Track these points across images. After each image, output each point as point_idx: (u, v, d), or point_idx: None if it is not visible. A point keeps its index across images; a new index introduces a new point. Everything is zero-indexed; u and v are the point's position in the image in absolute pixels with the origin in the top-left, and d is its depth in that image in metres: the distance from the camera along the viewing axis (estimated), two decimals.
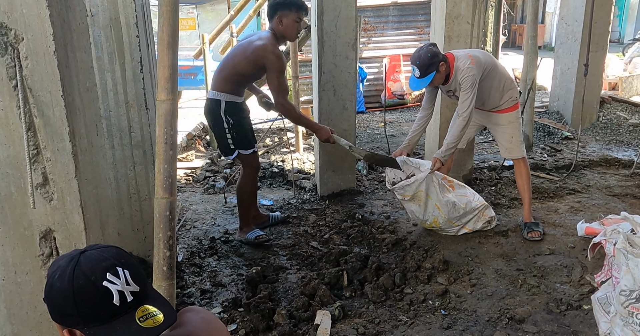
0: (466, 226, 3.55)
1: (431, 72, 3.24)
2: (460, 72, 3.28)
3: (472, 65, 3.27)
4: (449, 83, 3.40)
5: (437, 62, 3.24)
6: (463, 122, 3.30)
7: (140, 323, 1.02)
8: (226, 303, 2.88)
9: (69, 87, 1.81)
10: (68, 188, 1.87)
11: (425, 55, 3.22)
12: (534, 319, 2.63)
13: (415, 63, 3.25)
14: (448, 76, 3.36)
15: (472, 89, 3.26)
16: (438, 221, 3.51)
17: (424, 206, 3.49)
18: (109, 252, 1.07)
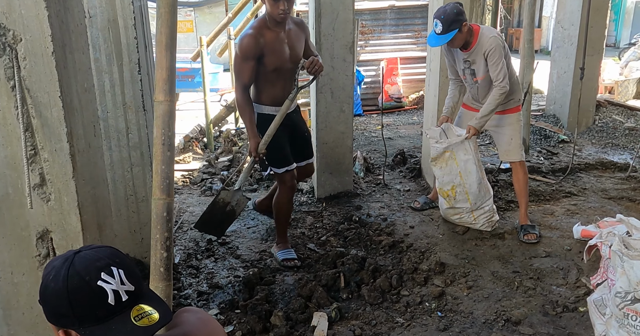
0: (474, 213, 3.57)
1: (454, 30, 3.16)
2: (487, 39, 3.23)
3: (498, 35, 3.28)
4: (469, 51, 3.33)
5: (462, 20, 3.18)
6: (500, 91, 3.26)
7: (136, 322, 1.02)
8: (223, 304, 2.88)
9: (67, 88, 1.81)
10: (65, 188, 1.87)
11: (451, 10, 3.16)
12: (530, 321, 2.64)
13: (440, 17, 3.17)
14: (469, 43, 3.30)
15: (501, 58, 3.24)
16: (455, 190, 3.53)
17: (448, 170, 3.53)
18: (104, 252, 1.06)
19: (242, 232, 3.92)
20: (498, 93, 3.28)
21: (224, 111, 6.55)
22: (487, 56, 3.26)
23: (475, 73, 3.42)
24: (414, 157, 5.21)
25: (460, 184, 3.54)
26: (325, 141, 4.25)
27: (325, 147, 4.26)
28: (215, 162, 5.44)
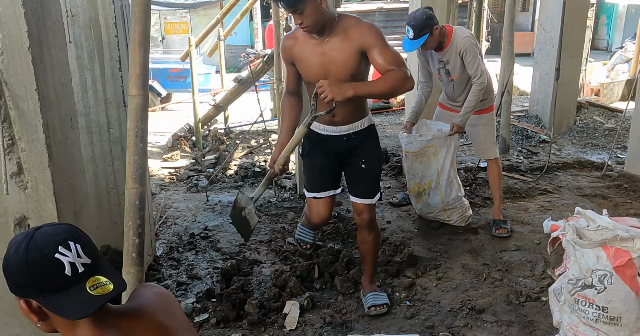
0: (447, 211, 3.67)
1: (425, 34, 3.27)
2: (461, 39, 3.33)
3: (471, 35, 3.39)
4: (443, 51, 3.44)
5: (432, 25, 3.28)
6: (479, 87, 3.36)
7: (91, 291, 1.11)
8: (200, 294, 2.98)
9: (43, 81, 1.92)
10: (42, 177, 1.98)
11: (421, 16, 3.27)
12: (493, 309, 2.75)
13: (410, 24, 3.29)
14: (442, 44, 3.41)
15: (477, 56, 3.34)
16: (431, 186, 3.63)
17: (427, 164, 3.61)
18: (62, 228, 1.16)
19: (225, 226, 4.02)
20: (477, 89, 3.39)
21: (213, 110, 6.66)
22: (463, 55, 3.37)
23: (450, 72, 3.53)
24: (397, 156, 5.32)
25: (436, 181, 3.65)
26: None
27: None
28: (202, 160, 5.54)
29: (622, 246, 2.11)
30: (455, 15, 4.14)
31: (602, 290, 2.13)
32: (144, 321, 1.25)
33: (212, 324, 2.68)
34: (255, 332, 2.62)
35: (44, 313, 1.14)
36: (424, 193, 3.71)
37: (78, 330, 1.15)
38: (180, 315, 1.36)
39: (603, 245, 2.16)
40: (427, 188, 3.69)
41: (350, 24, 2.41)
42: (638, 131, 4.59)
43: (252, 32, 17.75)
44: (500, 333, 2.54)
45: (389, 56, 2.35)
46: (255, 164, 5.43)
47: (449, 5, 4.08)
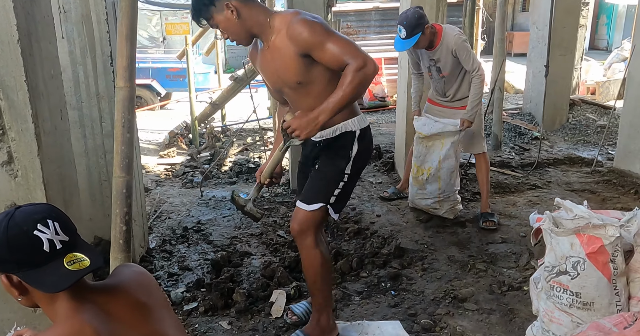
0: (440, 201, 3.73)
1: (417, 33, 3.34)
2: (452, 38, 3.40)
3: (460, 32, 3.46)
4: (434, 49, 3.50)
5: (424, 23, 3.35)
6: (479, 79, 3.43)
7: (68, 266, 1.18)
8: (190, 284, 3.05)
9: (32, 73, 1.99)
10: (31, 165, 2.05)
11: (412, 16, 3.33)
12: (475, 298, 2.81)
13: (402, 23, 3.35)
14: (433, 42, 3.47)
15: (470, 51, 3.42)
16: (431, 172, 3.69)
17: (432, 150, 3.69)
18: (41, 207, 1.23)
19: (217, 220, 4.09)
20: (478, 81, 3.46)
21: (210, 108, 6.74)
22: (456, 53, 3.44)
23: (442, 69, 3.60)
24: (389, 153, 5.38)
25: (437, 168, 3.70)
26: None
27: None
28: (197, 156, 5.61)
29: (595, 233, 2.17)
30: (444, 13, 4.20)
31: (575, 276, 2.19)
32: (120, 297, 1.31)
33: (200, 312, 2.75)
34: (242, 320, 2.68)
35: (24, 288, 1.21)
36: (422, 177, 3.76)
37: (57, 304, 1.22)
38: (157, 293, 1.43)
39: (577, 233, 2.22)
40: (426, 172, 3.73)
41: (282, 27, 2.06)
42: (627, 128, 4.64)
43: None
44: (480, 320, 2.60)
45: (335, 50, 1.98)
46: (249, 160, 5.50)
47: (438, 3, 4.14)
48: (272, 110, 6.38)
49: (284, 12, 2.17)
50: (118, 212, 2.15)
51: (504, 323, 2.57)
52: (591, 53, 17.00)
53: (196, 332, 2.59)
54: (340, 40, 2.01)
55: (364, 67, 1.95)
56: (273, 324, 2.64)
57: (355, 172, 2.32)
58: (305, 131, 2.01)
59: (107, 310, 1.26)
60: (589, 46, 19.74)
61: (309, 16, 2.07)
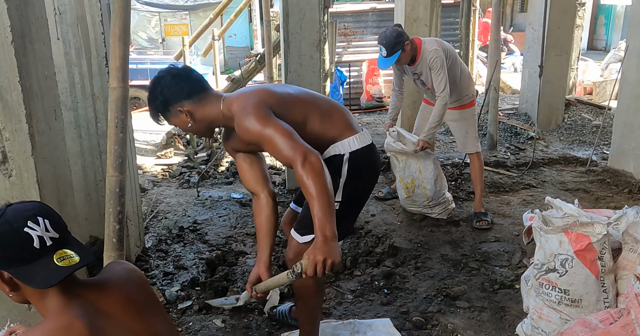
0: (431, 206, 3.76)
1: (397, 51, 3.39)
2: (428, 53, 3.44)
3: (438, 48, 3.48)
4: (415, 65, 3.55)
5: (403, 41, 3.40)
6: (442, 103, 3.46)
7: (58, 263, 1.20)
8: (185, 282, 3.08)
9: (26, 74, 2.01)
10: (25, 165, 2.07)
11: (391, 35, 3.39)
12: (467, 296, 2.83)
13: (382, 43, 3.41)
14: (414, 57, 3.52)
15: (443, 68, 3.43)
16: (415, 184, 3.72)
17: (407, 163, 3.73)
18: (32, 205, 1.26)
19: (214, 220, 4.12)
20: (440, 105, 3.48)
21: None
22: (430, 68, 3.48)
23: (425, 82, 3.66)
24: (385, 153, 5.40)
25: (419, 179, 3.73)
26: None
27: None
28: (194, 157, 5.64)
29: (583, 231, 2.19)
30: (439, 14, 4.23)
31: (563, 273, 2.22)
32: (110, 293, 1.33)
33: (194, 310, 2.77)
34: (235, 318, 2.71)
35: (15, 284, 1.23)
36: (408, 189, 3.80)
37: (47, 300, 1.24)
38: (147, 289, 1.45)
39: (565, 231, 2.24)
40: (410, 186, 3.78)
41: (232, 117, 2.00)
42: (620, 128, 4.67)
43: (252, 33, 17.88)
44: (472, 318, 2.63)
45: (274, 149, 1.88)
46: None
47: (432, 3, 4.17)
48: None
49: (233, 100, 2.04)
50: (111, 211, 2.17)
51: (495, 321, 2.60)
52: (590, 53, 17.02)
53: (190, 330, 2.62)
54: (277, 137, 1.86)
55: (305, 161, 1.79)
56: (266, 322, 2.66)
57: (349, 198, 2.10)
58: (334, 256, 1.68)
59: (97, 305, 1.28)
60: (588, 46, 19.78)
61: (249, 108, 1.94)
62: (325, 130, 2.09)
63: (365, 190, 2.25)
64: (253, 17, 17.36)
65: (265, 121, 1.89)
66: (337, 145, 2.11)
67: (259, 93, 2.04)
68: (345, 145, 2.11)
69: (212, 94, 2.07)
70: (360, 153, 2.12)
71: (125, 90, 2.18)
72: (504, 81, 8.96)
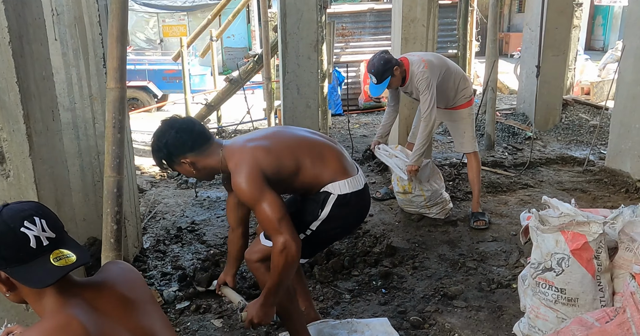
0: (429, 207, 3.77)
1: (387, 78, 3.46)
2: (415, 76, 3.49)
3: (425, 69, 3.48)
4: (405, 85, 3.61)
5: (391, 67, 3.45)
6: (424, 124, 3.48)
7: (54, 262, 1.21)
8: (183, 283, 3.08)
9: (23, 74, 2.02)
10: (23, 165, 2.08)
11: (378, 62, 3.45)
12: (465, 296, 2.84)
13: (371, 71, 3.49)
14: (404, 78, 3.56)
15: (429, 90, 3.45)
16: (412, 185, 3.73)
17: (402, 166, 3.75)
18: (29, 205, 1.26)
19: (212, 220, 4.12)
20: (423, 126, 3.50)
21: (205, 109, 6.77)
22: (417, 89, 3.51)
23: (417, 99, 3.69)
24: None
25: (415, 181, 3.73)
26: None
27: None
28: None
29: (579, 230, 2.20)
30: (436, 15, 4.24)
31: (560, 272, 2.23)
32: (106, 292, 1.34)
33: (192, 310, 2.78)
34: (233, 318, 2.71)
35: (11, 284, 1.23)
36: (405, 191, 3.81)
37: (45, 299, 1.24)
38: (142, 288, 1.45)
39: (562, 230, 2.25)
40: (407, 187, 3.78)
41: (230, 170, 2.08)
42: (617, 127, 4.68)
43: (250, 34, 17.90)
44: (469, 317, 2.63)
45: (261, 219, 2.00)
46: None
47: (429, 4, 4.18)
48: (268, 111, 6.42)
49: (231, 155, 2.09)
50: (109, 211, 2.17)
51: (492, 320, 2.61)
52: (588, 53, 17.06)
53: (188, 330, 2.62)
54: (268, 212, 1.95)
55: (284, 250, 1.92)
56: None
57: (322, 232, 2.18)
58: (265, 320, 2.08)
59: (94, 304, 1.28)
60: (586, 47, 19.82)
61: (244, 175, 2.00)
62: (317, 175, 2.14)
63: (343, 231, 2.40)
64: (251, 18, 17.38)
65: (259, 193, 1.97)
66: (328, 186, 2.15)
67: (254, 155, 2.05)
68: (335, 187, 2.15)
69: (213, 144, 2.13)
70: (350, 198, 2.16)
71: (122, 91, 2.18)
72: (501, 81, 8.98)
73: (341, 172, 2.18)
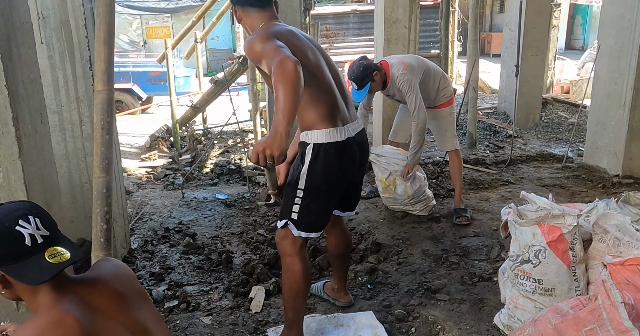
0: (412, 204, 3.84)
1: (367, 83, 3.53)
2: (396, 79, 3.56)
3: (405, 71, 3.56)
4: (386, 88, 3.68)
5: (370, 73, 3.52)
6: (415, 123, 3.56)
7: (49, 259, 1.25)
8: (172, 282, 3.12)
9: (12, 77, 2.05)
10: (13, 167, 2.11)
11: (357, 69, 3.52)
12: (447, 289, 2.92)
13: (351, 78, 3.55)
14: (385, 81, 3.63)
15: (413, 90, 3.52)
16: (396, 182, 3.81)
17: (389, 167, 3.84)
18: (22, 204, 1.30)
19: (199, 221, 4.16)
20: (415, 126, 3.57)
21: (190, 111, 6.79)
22: (400, 91, 3.59)
23: (400, 100, 3.80)
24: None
25: (399, 179, 3.81)
26: None
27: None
28: (178, 159, 5.67)
29: (555, 223, 2.30)
30: (417, 16, 4.33)
31: (537, 264, 2.32)
32: (100, 288, 1.38)
33: (181, 309, 2.82)
34: (222, 315, 2.76)
35: (7, 281, 1.27)
36: (389, 188, 3.88)
37: (39, 296, 1.29)
38: (135, 284, 1.50)
39: (538, 223, 2.34)
40: (392, 184, 3.86)
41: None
42: (594, 125, 4.81)
43: (234, 36, 17.89)
44: (451, 309, 2.72)
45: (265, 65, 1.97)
46: (230, 162, 5.58)
47: (411, 5, 4.27)
48: (253, 112, 6.47)
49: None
50: (99, 211, 2.21)
51: (473, 312, 2.69)
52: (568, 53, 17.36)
53: (177, 328, 2.66)
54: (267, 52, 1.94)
55: (279, 67, 1.81)
56: (253, 318, 2.72)
57: (310, 188, 2.16)
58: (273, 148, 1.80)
59: (87, 300, 1.32)
60: (565, 46, 20.16)
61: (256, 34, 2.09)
62: (306, 112, 2.12)
63: (331, 189, 2.24)
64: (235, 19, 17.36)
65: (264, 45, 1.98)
66: (308, 133, 2.15)
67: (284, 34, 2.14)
68: (313, 135, 2.14)
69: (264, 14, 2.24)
70: (325, 149, 2.13)
71: (110, 93, 2.22)
72: (482, 81, 9.13)
73: (326, 119, 2.13)
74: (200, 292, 3.00)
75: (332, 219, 2.45)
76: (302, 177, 2.16)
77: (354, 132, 2.24)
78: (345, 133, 2.19)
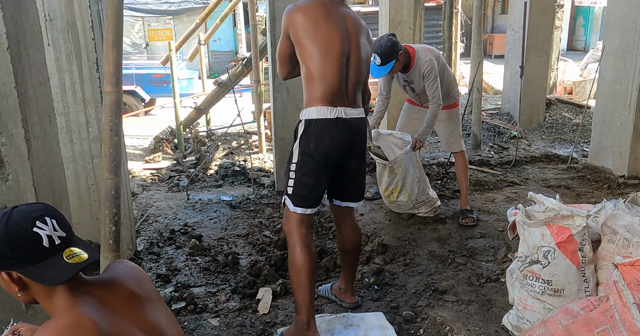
0: (415, 206, 3.83)
1: (391, 61, 3.44)
2: (422, 63, 3.51)
3: (432, 57, 3.56)
4: (408, 72, 3.62)
5: (397, 51, 3.44)
6: (435, 107, 3.54)
7: (67, 260, 1.26)
8: (179, 284, 3.12)
9: (21, 79, 2.05)
10: (22, 169, 2.11)
11: (386, 44, 3.41)
12: (455, 290, 2.92)
13: (377, 52, 3.42)
14: (407, 65, 3.58)
15: (436, 79, 3.52)
16: (399, 190, 3.78)
17: (393, 175, 3.77)
18: (38, 206, 1.30)
19: (204, 222, 4.16)
20: (434, 109, 3.56)
21: (194, 113, 6.80)
22: (424, 77, 3.56)
23: (415, 89, 3.75)
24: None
25: (402, 184, 3.79)
26: (283, 136, 4.51)
27: (283, 142, 4.53)
28: (183, 161, 5.67)
29: (564, 224, 2.29)
30: (422, 17, 4.33)
31: (546, 264, 2.31)
32: (115, 289, 1.39)
33: (189, 311, 2.82)
34: (230, 317, 2.76)
35: (23, 284, 1.27)
36: (392, 195, 3.86)
37: (55, 298, 1.28)
38: (148, 285, 1.50)
39: (547, 224, 2.34)
40: (394, 191, 3.84)
41: None
42: (599, 125, 4.81)
43: (236, 37, 17.92)
44: (459, 311, 2.71)
45: None
46: (235, 163, 5.58)
47: (415, 7, 4.27)
48: (257, 114, 6.47)
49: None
50: (107, 213, 2.22)
51: (481, 313, 2.68)
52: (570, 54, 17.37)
53: (185, 329, 2.66)
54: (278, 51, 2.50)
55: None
56: (260, 320, 2.72)
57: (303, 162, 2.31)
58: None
59: (103, 301, 1.32)
60: (567, 47, 20.16)
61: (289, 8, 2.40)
62: (308, 90, 2.34)
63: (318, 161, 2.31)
64: (237, 21, 17.40)
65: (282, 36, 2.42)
66: (303, 111, 2.34)
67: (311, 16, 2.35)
68: (305, 112, 2.31)
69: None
70: (315, 124, 2.26)
71: (119, 94, 2.23)
72: (485, 82, 9.13)
73: (322, 98, 2.27)
74: (207, 294, 3.00)
75: (341, 213, 2.60)
76: (295, 152, 2.33)
77: (348, 116, 2.31)
78: (336, 113, 2.28)
